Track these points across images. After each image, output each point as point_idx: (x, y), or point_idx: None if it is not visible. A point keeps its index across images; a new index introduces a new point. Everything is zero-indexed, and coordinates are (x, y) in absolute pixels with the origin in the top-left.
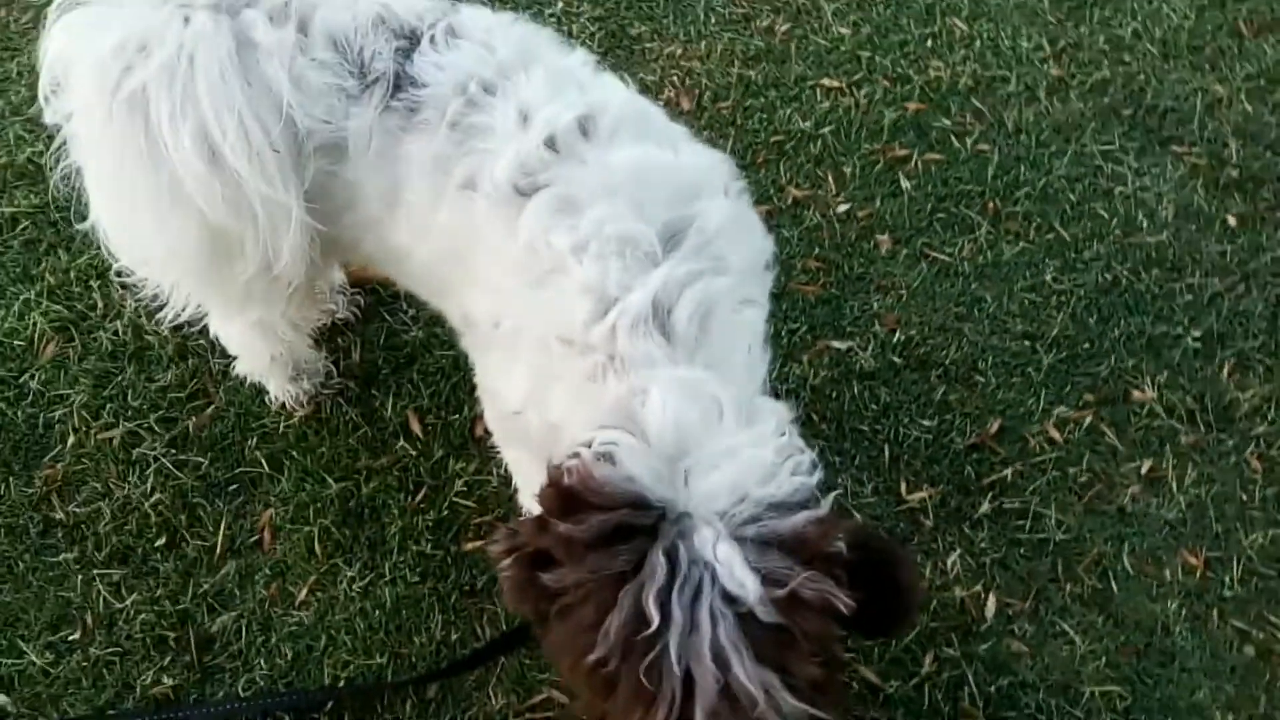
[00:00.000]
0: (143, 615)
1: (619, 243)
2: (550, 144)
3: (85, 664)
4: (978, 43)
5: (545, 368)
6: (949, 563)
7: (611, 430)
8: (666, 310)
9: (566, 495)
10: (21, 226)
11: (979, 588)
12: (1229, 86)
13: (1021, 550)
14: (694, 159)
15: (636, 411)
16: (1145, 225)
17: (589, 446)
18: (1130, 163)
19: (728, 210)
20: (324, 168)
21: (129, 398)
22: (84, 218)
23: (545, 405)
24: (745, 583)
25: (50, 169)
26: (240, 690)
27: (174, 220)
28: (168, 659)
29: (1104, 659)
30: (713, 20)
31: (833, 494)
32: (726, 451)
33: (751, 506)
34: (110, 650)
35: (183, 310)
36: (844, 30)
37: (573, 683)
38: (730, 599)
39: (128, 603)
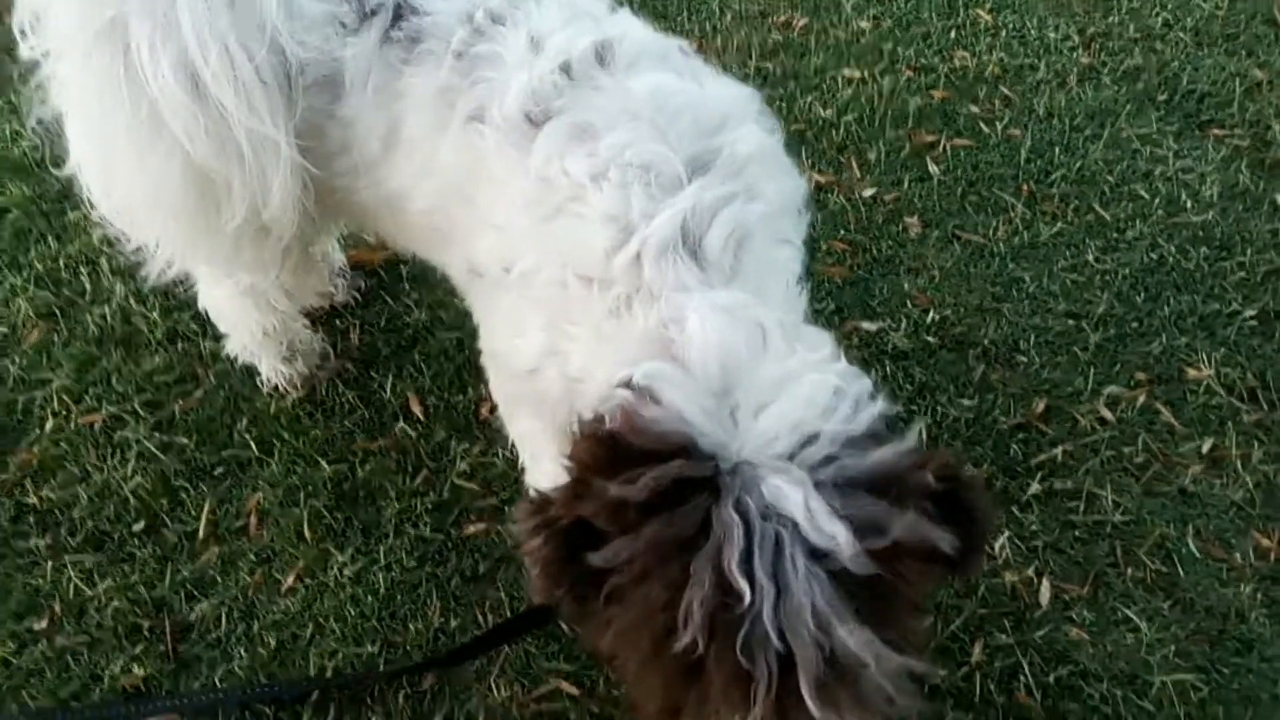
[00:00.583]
0: (115, 603)
1: (641, 169)
2: (565, 70)
3: (50, 654)
4: (1003, 33)
5: (563, 312)
6: (997, 546)
7: (649, 362)
8: (697, 237)
9: (610, 445)
10: (12, 216)
11: (1031, 572)
12: (1269, 71)
13: (1076, 533)
14: (721, 90)
15: (673, 340)
16: (1190, 205)
17: (627, 386)
18: (1170, 145)
19: (759, 139)
20: (318, 105)
21: (113, 382)
22: (76, 203)
23: (564, 357)
24: (836, 535)
25: (35, 110)
26: (217, 681)
27: (156, 159)
28: (140, 648)
29: (1174, 647)
30: (729, 16)
31: (919, 425)
32: (778, 382)
33: (826, 445)
34: (78, 640)
35: (168, 269)
36: (864, 24)
37: (639, 675)
38: (817, 555)
39: (100, 590)
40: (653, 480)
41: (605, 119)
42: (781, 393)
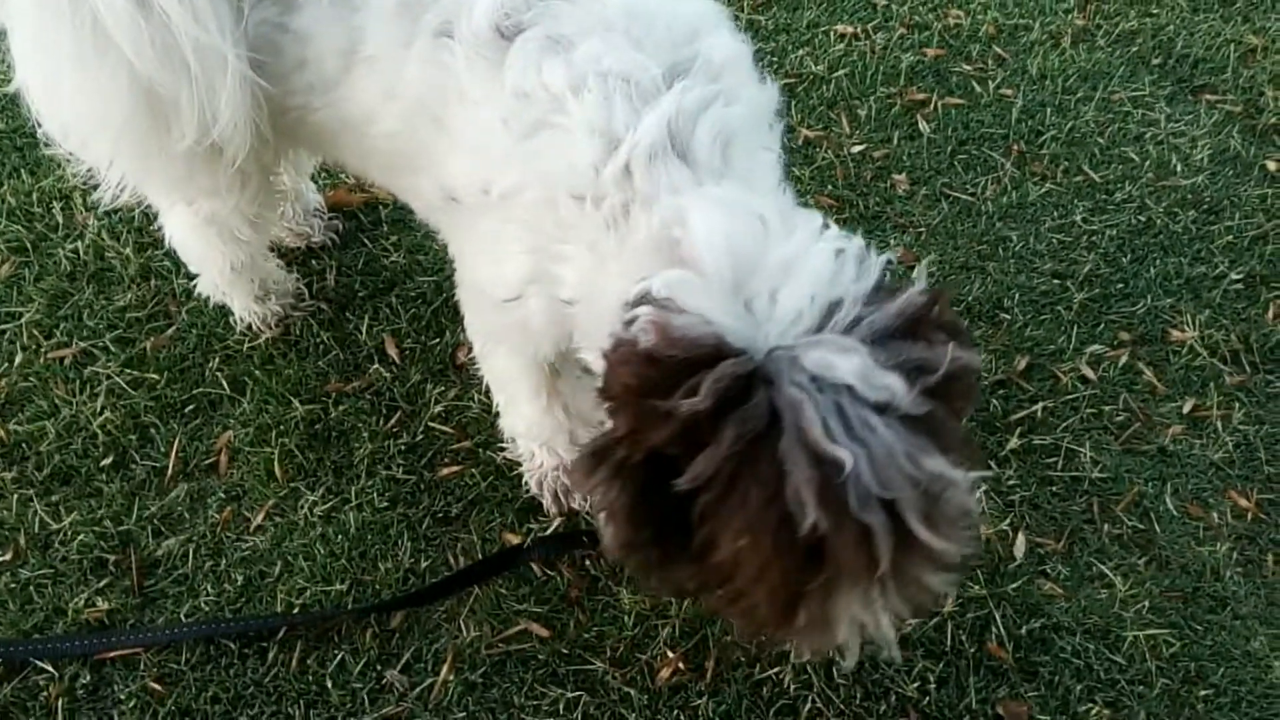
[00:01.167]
0: (81, 537)
1: (620, 79)
2: None
3: (14, 586)
4: None
5: (551, 233)
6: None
7: (665, 272)
8: (684, 140)
9: (654, 363)
10: None
11: (1006, 526)
12: (1263, 37)
13: (1053, 489)
14: (693, 3)
15: (679, 241)
16: (1179, 169)
17: (642, 302)
18: (1162, 109)
19: (733, 47)
20: (270, 18)
21: (85, 317)
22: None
23: (554, 280)
24: (890, 385)
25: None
26: (182, 616)
27: (101, 73)
28: (105, 582)
29: (1147, 603)
30: None
31: (924, 261)
32: (785, 264)
33: (849, 308)
34: (42, 572)
35: (121, 191)
36: None
37: (759, 578)
38: (879, 409)
39: (65, 523)
40: (715, 385)
41: (579, 29)
42: (791, 273)
